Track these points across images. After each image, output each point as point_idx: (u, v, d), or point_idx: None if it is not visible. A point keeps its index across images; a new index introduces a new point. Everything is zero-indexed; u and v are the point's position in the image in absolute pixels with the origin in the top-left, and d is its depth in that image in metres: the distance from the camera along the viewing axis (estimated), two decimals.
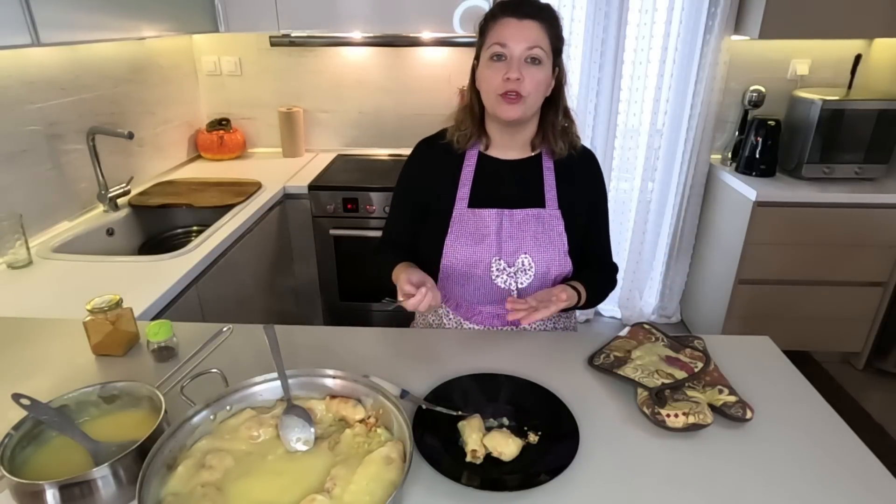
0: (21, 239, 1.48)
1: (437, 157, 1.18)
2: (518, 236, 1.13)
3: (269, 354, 0.89)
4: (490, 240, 1.12)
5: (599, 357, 1.07)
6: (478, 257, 1.13)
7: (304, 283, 2.47)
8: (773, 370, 1.08)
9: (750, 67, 2.53)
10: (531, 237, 1.13)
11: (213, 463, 0.77)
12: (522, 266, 1.13)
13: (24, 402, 0.77)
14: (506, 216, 1.12)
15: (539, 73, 1.05)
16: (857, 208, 2.25)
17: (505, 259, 1.13)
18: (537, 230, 1.13)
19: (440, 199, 1.16)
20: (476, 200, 1.14)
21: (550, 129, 1.13)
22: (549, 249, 1.13)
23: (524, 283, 1.14)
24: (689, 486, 0.81)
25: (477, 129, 1.15)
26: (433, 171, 1.19)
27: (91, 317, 1.04)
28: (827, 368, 2.59)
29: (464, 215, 1.13)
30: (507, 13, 1.05)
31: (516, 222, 1.13)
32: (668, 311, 2.96)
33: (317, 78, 2.66)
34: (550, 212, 1.13)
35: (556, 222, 1.13)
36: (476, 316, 1.20)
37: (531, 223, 1.13)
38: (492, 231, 1.12)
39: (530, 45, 1.03)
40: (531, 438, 0.89)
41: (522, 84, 1.03)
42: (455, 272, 1.15)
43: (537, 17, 1.04)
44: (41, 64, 1.70)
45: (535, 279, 1.13)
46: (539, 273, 1.13)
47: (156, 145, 2.32)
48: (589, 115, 2.56)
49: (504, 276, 1.13)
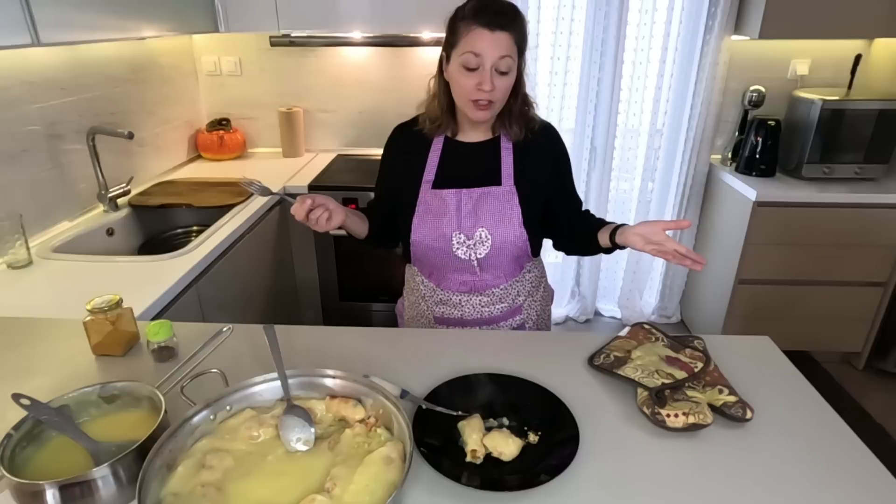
0: (21, 239, 1.48)
1: (409, 143, 1.30)
2: (475, 212, 1.23)
3: (269, 354, 0.89)
4: (450, 216, 1.23)
5: (599, 357, 1.08)
6: (439, 232, 1.24)
7: (304, 283, 2.47)
8: (773, 370, 1.08)
9: (750, 67, 2.53)
10: (487, 213, 1.23)
11: (213, 463, 0.77)
12: (480, 238, 1.24)
13: (24, 402, 0.77)
14: (464, 195, 1.23)
15: (508, 80, 1.13)
16: (857, 208, 2.25)
17: (464, 233, 1.24)
18: (493, 206, 1.23)
19: (410, 181, 1.27)
20: (440, 182, 1.25)
21: (508, 114, 1.22)
22: (504, 222, 1.23)
23: (482, 253, 1.25)
24: (689, 486, 0.81)
25: (445, 119, 1.24)
26: (405, 156, 1.30)
27: (91, 317, 1.04)
28: (827, 368, 2.59)
29: (428, 196, 1.25)
30: (481, 23, 1.08)
31: (473, 199, 1.23)
32: (668, 311, 2.96)
33: (317, 78, 2.66)
34: (506, 188, 1.24)
35: (511, 197, 1.23)
36: (445, 282, 1.32)
37: (487, 200, 1.23)
38: (452, 209, 1.23)
39: (502, 55, 1.09)
40: (531, 438, 0.89)
41: (493, 93, 1.11)
42: (423, 245, 1.27)
43: (509, 27, 1.09)
44: (41, 64, 1.70)
45: (491, 249, 1.25)
46: (495, 244, 1.24)
47: (156, 145, 2.32)
48: (589, 115, 2.55)
49: (464, 248, 1.25)
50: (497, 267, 1.28)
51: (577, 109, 2.57)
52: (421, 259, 1.32)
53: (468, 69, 1.10)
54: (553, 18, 2.44)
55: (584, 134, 2.59)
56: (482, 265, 1.26)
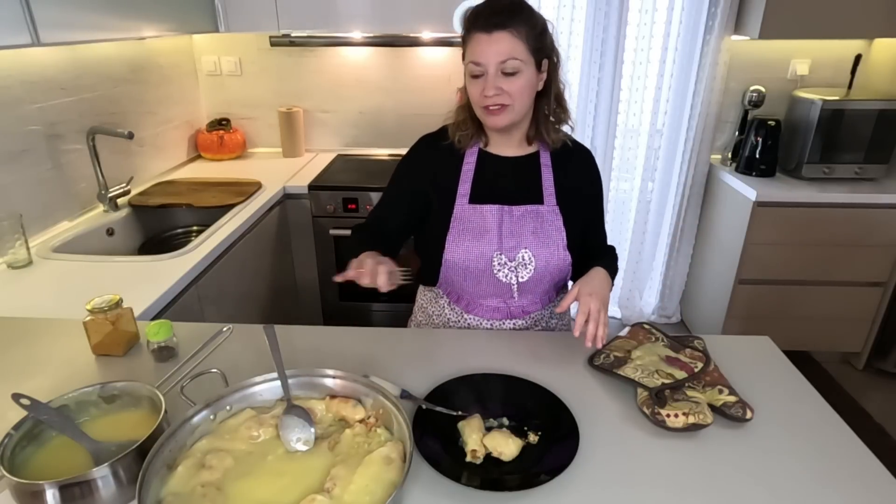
0: (21, 239, 1.48)
1: (439, 156, 1.20)
2: (518, 232, 1.16)
3: (269, 354, 0.89)
4: (491, 235, 1.15)
5: (599, 357, 1.08)
6: (479, 252, 1.15)
7: (304, 283, 2.47)
8: (773, 370, 1.08)
9: (750, 67, 2.53)
10: (530, 232, 1.16)
11: (213, 463, 0.77)
12: (523, 261, 1.16)
13: (24, 402, 0.77)
14: (506, 212, 1.15)
15: (518, 81, 1.05)
16: (857, 208, 2.25)
17: (506, 254, 1.15)
18: (536, 226, 1.16)
19: (442, 196, 1.18)
20: (476, 197, 1.17)
21: (543, 120, 1.15)
22: (548, 244, 1.16)
23: (524, 276, 1.17)
24: (689, 486, 0.81)
25: (476, 128, 1.17)
26: (434, 169, 1.20)
27: (91, 317, 1.04)
28: (827, 368, 2.59)
29: (465, 211, 1.16)
30: (478, 27, 1.03)
31: (516, 218, 1.15)
32: (668, 311, 2.96)
33: (317, 78, 2.66)
34: (549, 208, 1.16)
35: (555, 218, 1.16)
36: (476, 308, 1.23)
37: (530, 219, 1.16)
38: (493, 226, 1.15)
39: (503, 58, 1.03)
40: (531, 438, 0.89)
41: (503, 96, 1.05)
42: (457, 266, 1.17)
43: (507, 26, 1.02)
44: (41, 64, 1.70)
45: (534, 273, 1.17)
46: (539, 267, 1.16)
47: (156, 145, 2.31)
48: (589, 115, 2.55)
49: (505, 271, 1.16)
50: (535, 292, 1.20)
51: (577, 109, 2.57)
52: (451, 281, 1.22)
53: (474, 77, 1.06)
54: (553, 18, 2.43)
55: (584, 134, 2.58)
56: (521, 289, 1.17)
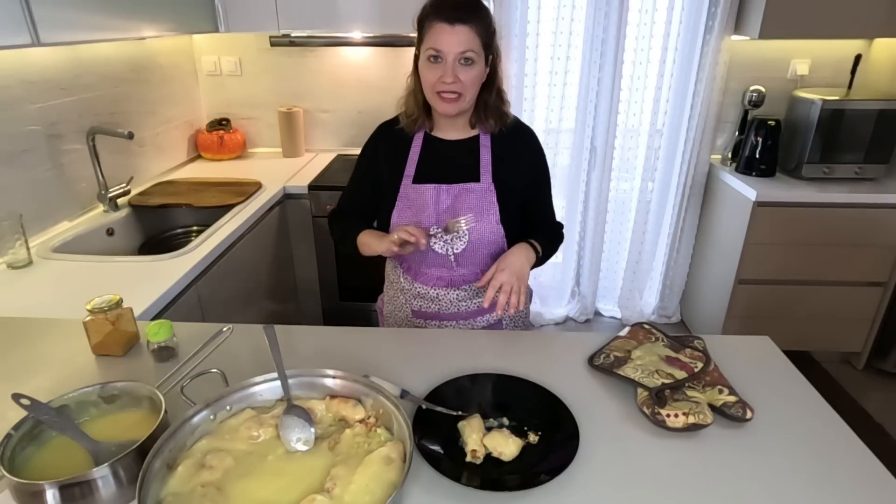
0: (21, 239, 1.48)
1: (391, 140, 1.32)
2: (453, 208, 1.26)
3: (269, 354, 0.89)
4: (429, 211, 1.26)
5: (599, 357, 1.08)
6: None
7: (304, 283, 2.47)
8: (773, 370, 1.08)
9: (750, 67, 2.53)
10: (466, 208, 1.26)
11: (213, 463, 0.77)
12: (458, 234, 1.26)
13: (24, 402, 0.77)
14: (443, 190, 1.26)
15: (473, 71, 1.16)
16: (857, 208, 2.25)
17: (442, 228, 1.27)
18: (471, 202, 1.26)
19: (391, 176, 1.30)
20: (420, 177, 1.28)
21: (483, 108, 1.26)
22: (482, 219, 1.26)
23: (459, 248, 1.28)
24: (688, 486, 0.81)
25: (422, 114, 1.27)
26: (387, 152, 1.33)
27: (91, 317, 1.04)
28: (827, 368, 2.59)
29: (408, 191, 1.28)
30: (441, 18, 1.13)
31: (452, 195, 1.26)
32: (668, 311, 2.96)
33: (317, 78, 2.66)
34: (485, 185, 1.26)
35: (489, 194, 1.26)
36: (422, 277, 1.33)
37: (466, 196, 1.26)
38: (430, 204, 1.26)
39: (463, 49, 1.13)
40: (531, 438, 0.89)
41: (458, 84, 1.15)
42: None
43: (467, 21, 1.12)
44: (41, 64, 1.70)
45: (468, 245, 1.27)
46: (472, 239, 1.27)
47: (156, 145, 2.32)
48: (589, 115, 2.55)
49: (441, 243, 1.27)
50: (474, 263, 1.30)
51: (577, 109, 2.57)
52: (399, 254, 1.34)
53: (432, 63, 1.16)
54: (553, 18, 2.44)
55: (584, 134, 2.58)
56: (459, 260, 1.28)
